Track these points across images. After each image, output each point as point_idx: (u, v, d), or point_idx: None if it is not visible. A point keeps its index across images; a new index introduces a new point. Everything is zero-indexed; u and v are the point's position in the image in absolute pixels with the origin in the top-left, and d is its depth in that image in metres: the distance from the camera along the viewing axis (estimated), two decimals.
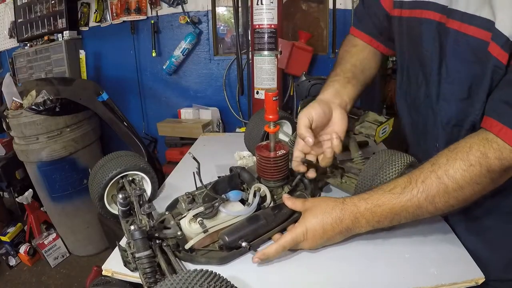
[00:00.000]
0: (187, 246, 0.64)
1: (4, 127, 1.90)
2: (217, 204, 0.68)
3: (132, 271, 0.62)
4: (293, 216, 0.71)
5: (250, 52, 1.86)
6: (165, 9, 2.15)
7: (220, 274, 0.47)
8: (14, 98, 1.79)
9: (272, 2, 1.65)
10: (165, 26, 2.20)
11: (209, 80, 2.26)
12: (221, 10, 2.17)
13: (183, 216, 0.68)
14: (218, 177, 0.76)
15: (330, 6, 1.95)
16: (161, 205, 0.82)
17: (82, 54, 2.39)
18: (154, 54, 2.21)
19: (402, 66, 0.81)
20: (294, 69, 1.81)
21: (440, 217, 0.75)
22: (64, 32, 2.27)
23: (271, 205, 0.74)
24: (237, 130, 2.06)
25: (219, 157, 1.12)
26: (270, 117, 0.72)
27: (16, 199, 2.10)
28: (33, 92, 1.83)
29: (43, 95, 1.78)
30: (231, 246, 0.64)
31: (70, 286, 1.98)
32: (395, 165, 0.68)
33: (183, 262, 0.64)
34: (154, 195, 0.90)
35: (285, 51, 1.75)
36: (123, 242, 0.69)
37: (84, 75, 2.42)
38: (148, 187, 0.87)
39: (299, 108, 0.93)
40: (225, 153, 1.14)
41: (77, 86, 1.91)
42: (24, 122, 1.76)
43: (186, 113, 2.22)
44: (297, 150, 0.77)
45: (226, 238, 0.64)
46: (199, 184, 0.71)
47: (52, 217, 2.13)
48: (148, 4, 2.14)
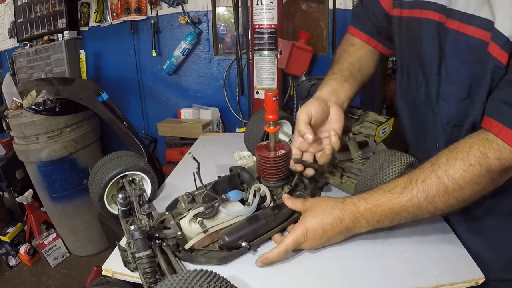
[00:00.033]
0: (187, 246, 0.64)
1: (4, 127, 1.90)
2: (217, 204, 0.68)
3: (132, 271, 0.62)
4: (293, 216, 0.71)
5: (250, 52, 1.86)
6: (165, 9, 2.15)
7: (220, 274, 0.47)
8: (14, 98, 1.79)
9: (272, 2, 1.65)
10: (165, 26, 2.20)
11: (209, 80, 2.26)
12: (221, 10, 2.17)
13: (183, 216, 0.68)
14: (218, 177, 0.76)
15: (330, 6, 1.96)
16: (161, 205, 0.82)
17: (82, 54, 2.39)
18: (154, 54, 2.21)
19: (402, 66, 0.81)
20: (294, 69, 1.81)
21: (440, 217, 0.75)
22: (64, 32, 2.27)
23: (271, 205, 0.74)
24: (237, 130, 2.06)
25: (219, 157, 1.12)
26: (270, 117, 0.72)
27: (16, 199, 2.10)
28: (33, 92, 1.83)
29: (43, 95, 1.78)
30: (231, 246, 0.64)
31: (70, 286, 1.98)
32: (395, 165, 0.68)
33: (183, 262, 0.64)
34: (154, 195, 0.90)
35: (285, 51, 1.75)
36: (123, 242, 0.69)
37: (84, 75, 2.43)
38: (148, 187, 0.87)
39: (299, 108, 0.94)
40: (225, 153, 1.14)
41: (77, 86, 1.91)
42: (24, 122, 1.76)
43: (186, 113, 2.22)
44: (294, 148, 0.76)
45: (226, 238, 0.64)
46: (199, 184, 0.71)
47: (52, 217, 2.13)
48: (148, 4, 2.14)
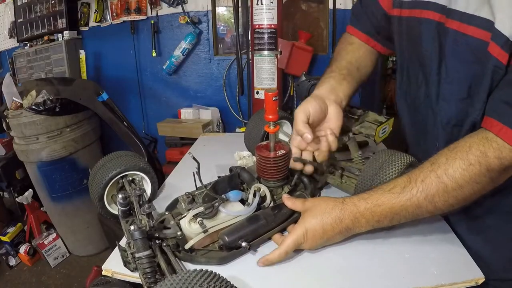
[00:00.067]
0: (187, 246, 0.64)
1: (4, 127, 1.90)
2: (217, 204, 0.68)
3: (132, 271, 0.62)
4: (293, 216, 0.71)
5: (250, 52, 1.85)
6: (165, 9, 2.15)
7: (220, 274, 0.47)
8: (14, 98, 1.79)
9: (272, 2, 1.64)
10: (165, 26, 2.20)
11: (209, 80, 2.26)
12: (221, 10, 2.17)
13: (183, 216, 0.68)
14: (218, 177, 0.76)
15: (330, 6, 1.95)
16: (161, 205, 0.82)
17: (82, 54, 2.39)
18: (154, 54, 2.21)
19: (402, 66, 0.81)
20: (294, 69, 1.81)
21: (440, 217, 0.75)
22: (64, 32, 2.27)
23: (271, 205, 0.74)
24: (237, 130, 2.06)
25: (219, 157, 1.12)
26: (270, 117, 0.72)
27: (16, 199, 2.10)
28: (33, 92, 1.83)
29: (43, 95, 1.78)
30: (231, 246, 0.64)
31: (70, 286, 1.98)
32: (395, 165, 0.68)
33: (183, 262, 0.64)
34: (154, 195, 0.90)
35: (285, 51, 1.75)
36: (123, 242, 0.69)
37: (84, 75, 2.42)
38: (148, 187, 0.87)
39: None
40: (225, 153, 1.14)
41: (77, 86, 1.91)
42: (24, 122, 1.76)
43: (186, 113, 2.22)
44: (293, 147, 0.76)
45: (226, 238, 0.64)
46: (199, 184, 0.71)
47: (52, 217, 2.13)
48: (148, 4, 2.14)
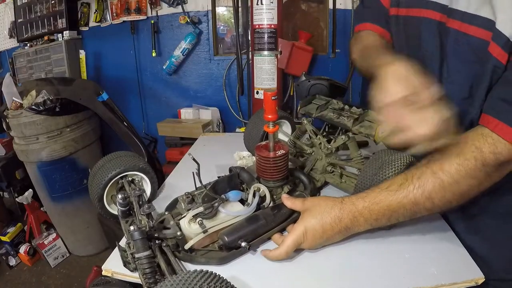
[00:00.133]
0: (187, 246, 0.64)
1: (4, 127, 1.89)
2: (217, 204, 0.68)
3: (132, 271, 0.62)
4: (293, 216, 0.71)
5: (250, 52, 1.85)
6: (165, 9, 2.15)
7: (220, 275, 0.47)
8: (14, 98, 1.79)
9: (272, 2, 1.64)
10: (165, 26, 2.20)
11: (209, 80, 2.26)
12: (221, 10, 2.17)
13: (183, 216, 0.68)
14: (218, 177, 0.76)
15: (330, 6, 1.95)
16: (161, 205, 0.82)
17: (82, 54, 2.39)
18: (154, 54, 2.21)
19: None
20: (294, 69, 1.81)
21: (440, 216, 0.75)
22: (64, 32, 2.26)
23: (271, 205, 0.74)
24: (237, 130, 2.06)
25: (219, 157, 1.12)
26: (269, 117, 0.72)
27: (16, 199, 2.10)
28: (33, 92, 1.83)
29: (43, 95, 1.78)
30: (231, 246, 0.64)
31: (70, 286, 1.98)
32: (395, 165, 0.68)
33: (183, 263, 0.64)
34: (154, 195, 0.90)
35: (285, 51, 1.75)
36: (123, 242, 0.69)
37: (84, 75, 2.42)
38: (148, 187, 0.87)
39: (299, 108, 0.93)
40: (225, 153, 1.14)
41: (77, 86, 1.91)
42: (24, 122, 1.76)
43: (186, 113, 2.22)
44: (391, 119, 0.56)
45: (226, 238, 0.64)
46: (199, 184, 0.71)
47: (52, 217, 2.13)
48: (148, 4, 2.14)
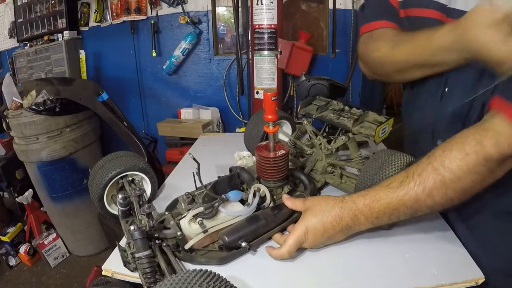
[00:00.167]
0: (187, 246, 0.64)
1: (4, 127, 1.90)
2: (217, 204, 0.68)
3: (132, 271, 0.62)
4: (293, 216, 0.71)
5: (250, 52, 1.85)
6: (165, 9, 2.15)
7: (220, 274, 0.47)
8: (14, 98, 1.79)
9: (272, 2, 1.64)
10: (165, 26, 2.20)
11: (209, 80, 2.26)
12: (221, 10, 2.17)
13: (183, 216, 0.68)
14: (218, 177, 0.76)
15: (330, 6, 1.95)
16: (161, 205, 0.82)
17: (82, 54, 2.39)
18: (154, 54, 2.21)
19: None
20: (294, 69, 1.81)
21: (440, 216, 0.75)
22: (64, 32, 2.27)
23: (271, 205, 0.74)
24: (237, 130, 2.06)
25: (219, 157, 1.12)
26: (269, 117, 0.72)
27: (16, 199, 2.10)
28: (33, 92, 1.83)
29: (43, 95, 1.78)
30: (231, 246, 0.64)
31: (70, 286, 1.98)
32: (395, 165, 0.68)
33: (183, 262, 0.64)
34: (154, 195, 0.90)
35: (285, 51, 1.75)
36: (123, 242, 0.69)
37: (84, 75, 2.42)
38: (148, 187, 0.87)
39: (299, 109, 0.93)
40: (225, 153, 1.14)
41: (77, 86, 1.91)
42: (24, 122, 1.76)
43: (186, 113, 2.22)
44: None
45: (226, 238, 0.64)
46: (199, 184, 0.71)
47: (52, 217, 2.13)
48: (148, 4, 2.14)
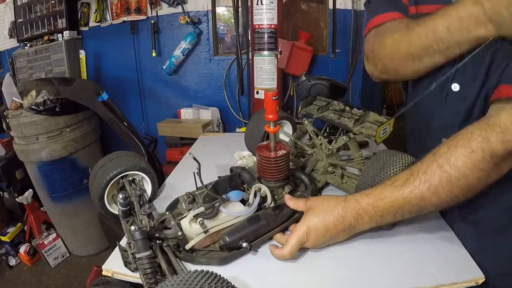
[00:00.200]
0: (188, 247, 0.64)
1: (4, 127, 1.89)
2: (218, 204, 0.68)
3: (133, 272, 0.62)
4: (294, 216, 0.71)
5: (250, 52, 1.85)
6: (165, 9, 2.15)
7: (221, 275, 0.47)
8: (14, 98, 1.79)
9: (272, 2, 1.64)
10: (165, 26, 2.20)
11: (209, 80, 2.26)
12: (221, 10, 2.17)
13: (184, 216, 0.68)
14: (219, 177, 0.76)
15: (330, 6, 1.95)
16: (161, 205, 0.82)
17: (82, 54, 2.39)
18: (154, 54, 2.21)
19: None
20: (294, 69, 1.81)
21: (440, 216, 0.75)
22: (64, 32, 2.27)
23: (272, 205, 0.74)
24: (237, 130, 2.06)
25: (219, 157, 1.12)
26: (270, 117, 0.72)
27: (16, 199, 2.09)
28: (33, 92, 1.83)
29: (43, 95, 1.78)
30: (232, 247, 0.64)
31: (70, 286, 1.98)
32: (396, 166, 0.68)
33: (184, 263, 0.64)
34: (154, 195, 0.90)
35: (285, 51, 1.75)
36: (124, 242, 0.69)
37: (84, 75, 2.42)
38: (148, 187, 0.87)
39: (300, 109, 0.93)
40: (225, 153, 1.14)
41: (77, 86, 1.91)
42: (24, 122, 1.76)
43: (186, 113, 2.22)
44: None
45: (227, 239, 0.64)
46: (200, 184, 0.71)
47: (52, 217, 2.13)
48: (148, 4, 2.14)
